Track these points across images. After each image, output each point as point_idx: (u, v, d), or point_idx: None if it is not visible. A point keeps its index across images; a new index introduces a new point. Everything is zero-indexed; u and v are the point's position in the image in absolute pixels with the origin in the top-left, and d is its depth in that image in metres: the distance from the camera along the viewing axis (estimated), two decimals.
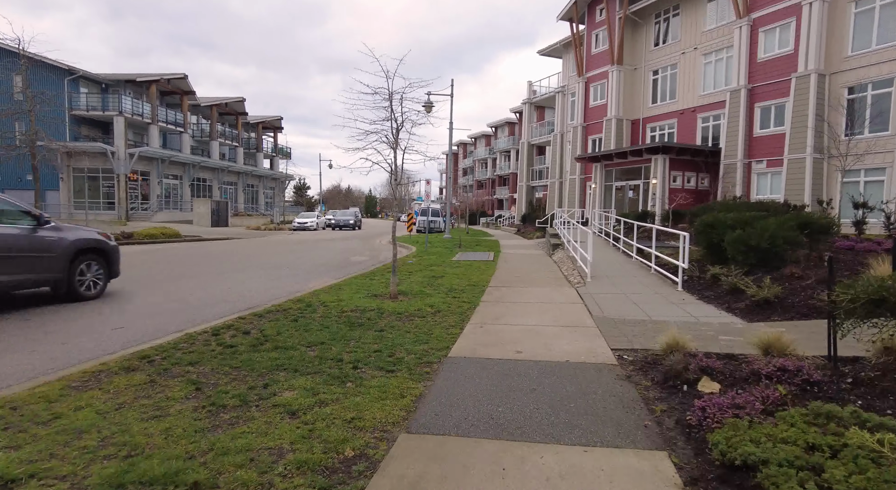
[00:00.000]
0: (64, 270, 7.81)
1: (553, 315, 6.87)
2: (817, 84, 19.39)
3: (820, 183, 19.69)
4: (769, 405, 3.00)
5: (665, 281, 9.84)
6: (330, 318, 6.57)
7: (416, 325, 6.28)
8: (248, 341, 5.41)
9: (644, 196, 25.91)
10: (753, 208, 13.68)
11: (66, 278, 7.88)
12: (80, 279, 8.13)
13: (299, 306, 7.39)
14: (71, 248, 8.01)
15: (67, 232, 8.17)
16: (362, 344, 5.36)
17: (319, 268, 13.64)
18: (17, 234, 7.28)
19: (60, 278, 7.79)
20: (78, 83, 35.67)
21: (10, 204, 7.61)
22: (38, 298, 8.14)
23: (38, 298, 8.14)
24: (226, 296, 8.97)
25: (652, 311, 7.09)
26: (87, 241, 8.34)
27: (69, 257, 7.93)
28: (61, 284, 7.82)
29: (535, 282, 10.24)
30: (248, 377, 4.27)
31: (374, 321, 6.45)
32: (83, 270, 8.17)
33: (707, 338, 5.42)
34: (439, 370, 4.47)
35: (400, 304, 7.66)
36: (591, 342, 5.40)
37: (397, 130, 8.22)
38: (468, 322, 6.47)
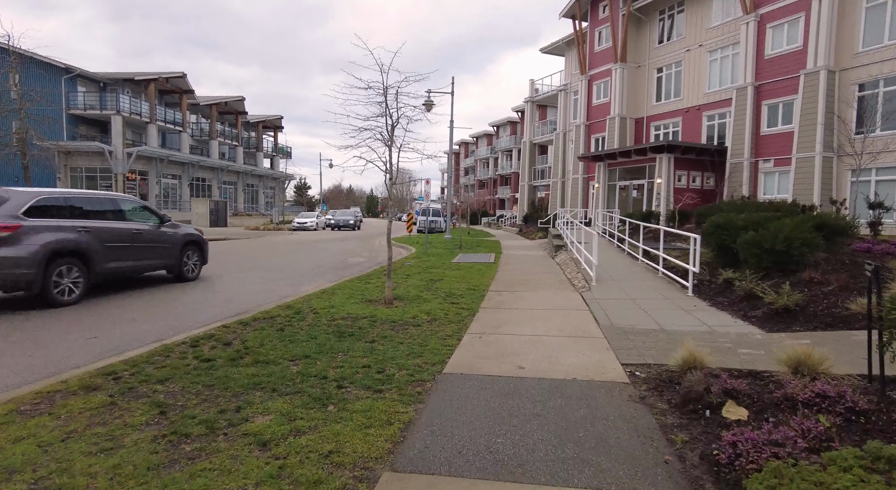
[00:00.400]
0: (177, 258, 10.38)
1: (557, 323, 6.44)
2: (827, 81, 18.90)
3: (829, 182, 19.20)
4: (812, 441, 2.58)
5: (673, 285, 9.40)
6: (318, 328, 6.15)
7: (410, 335, 5.86)
8: (227, 354, 5.00)
9: (648, 196, 25.45)
10: (763, 208, 13.23)
11: (179, 264, 10.44)
12: (186, 264, 10.63)
13: (288, 313, 6.98)
14: (181, 240, 10.53)
15: (178, 228, 10.59)
16: (350, 358, 4.94)
17: (315, 270, 13.24)
18: (150, 229, 9.84)
19: (174, 264, 10.36)
20: (75, 82, 35.33)
21: (146, 207, 10.29)
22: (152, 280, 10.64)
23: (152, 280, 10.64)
24: (213, 299, 8.57)
25: (662, 319, 6.65)
26: (190, 236, 10.84)
27: (180, 248, 10.46)
28: (174, 268, 10.39)
29: (538, 286, 9.82)
30: (221, 398, 3.85)
31: (365, 331, 6.03)
32: (188, 258, 10.68)
33: (725, 351, 4.98)
34: (432, 390, 4.05)
35: (395, 310, 7.24)
36: (599, 355, 4.97)
37: (392, 127, 7.80)
38: (466, 331, 6.04)
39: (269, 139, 60.25)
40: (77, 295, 8.10)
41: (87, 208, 8.90)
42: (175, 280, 10.50)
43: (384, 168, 7.89)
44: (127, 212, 9.64)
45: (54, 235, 7.96)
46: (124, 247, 9.20)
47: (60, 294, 7.88)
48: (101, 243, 8.74)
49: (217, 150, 47.58)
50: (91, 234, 8.58)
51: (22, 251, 7.49)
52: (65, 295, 7.93)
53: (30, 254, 7.53)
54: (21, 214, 7.74)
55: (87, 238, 8.49)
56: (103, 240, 8.80)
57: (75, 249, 8.23)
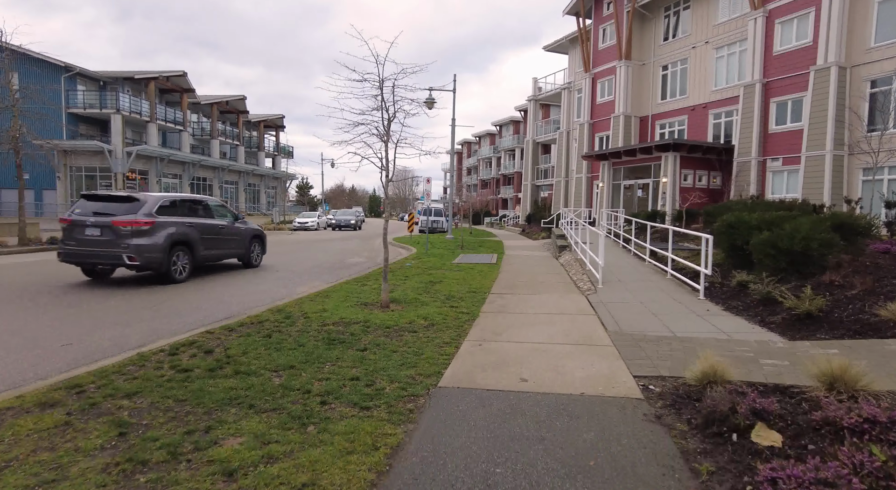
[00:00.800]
0: (246, 248, 12.51)
1: (562, 329, 6.04)
2: (838, 77, 18.44)
3: (840, 181, 18.74)
4: (868, 479, 2.19)
5: (683, 287, 8.99)
6: (308, 334, 5.77)
7: (405, 342, 5.47)
8: (206, 364, 4.63)
9: (653, 195, 25.01)
10: (775, 208, 12.80)
11: (246, 254, 12.66)
12: (252, 254, 12.81)
13: (277, 318, 6.60)
14: (249, 233, 12.77)
15: (247, 224, 12.70)
16: (339, 368, 4.56)
17: (312, 270, 12.87)
18: (227, 225, 11.99)
19: (244, 253, 12.58)
20: (75, 80, 35.07)
21: (224, 205, 12.87)
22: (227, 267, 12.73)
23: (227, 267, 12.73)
24: (203, 302, 8.21)
25: (674, 324, 6.25)
26: (255, 231, 13.13)
27: (249, 240, 12.69)
28: (244, 257, 12.46)
29: (542, 288, 9.42)
30: (192, 415, 3.48)
31: (357, 337, 5.65)
32: (254, 249, 12.78)
33: (745, 361, 4.58)
34: (426, 407, 3.66)
35: (390, 315, 6.86)
36: (608, 366, 4.57)
37: (388, 122, 7.42)
38: (465, 338, 5.65)
39: (270, 139, 59.97)
40: (185, 275, 10.44)
41: (190, 207, 11.16)
42: (243, 267, 12.81)
43: (380, 165, 7.51)
44: (213, 210, 11.93)
45: (174, 229, 10.27)
46: (213, 239, 11.46)
47: (176, 273, 10.17)
48: (200, 235, 10.99)
49: (218, 150, 47.30)
50: (194, 228, 10.85)
51: (156, 240, 9.85)
52: (178, 274, 10.24)
53: (161, 242, 9.88)
54: (154, 213, 10.04)
55: (192, 231, 10.78)
56: (202, 232, 11.05)
57: (186, 240, 10.52)
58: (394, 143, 7.51)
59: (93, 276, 10.60)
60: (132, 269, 9.84)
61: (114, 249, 9.56)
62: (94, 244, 9.63)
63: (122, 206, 10.00)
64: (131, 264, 9.60)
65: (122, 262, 9.57)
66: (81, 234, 9.70)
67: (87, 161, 35.05)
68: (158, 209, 10.14)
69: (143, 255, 9.61)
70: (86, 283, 9.87)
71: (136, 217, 9.74)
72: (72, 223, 9.85)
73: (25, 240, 16.53)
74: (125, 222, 9.62)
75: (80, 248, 9.71)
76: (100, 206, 10.00)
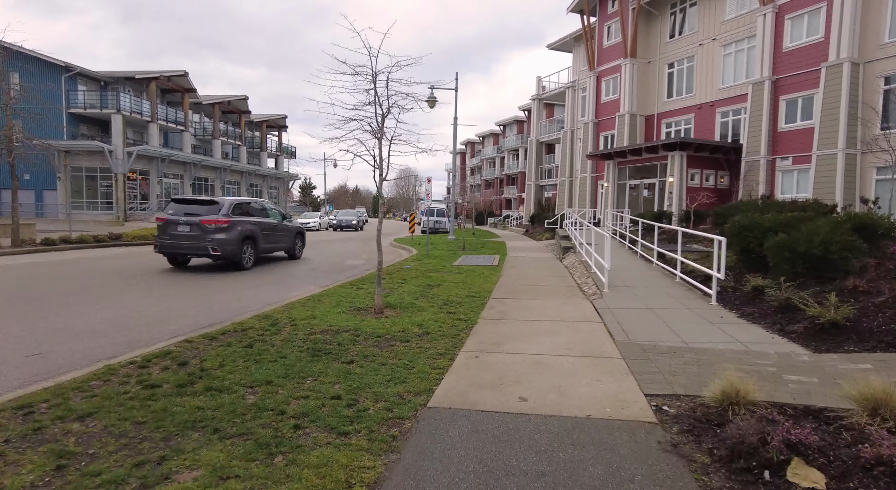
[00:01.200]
0: (292, 243, 14.53)
1: (566, 339, 5.62)
2: (851, 74, 17.92)
3: (853, 180, 18.21)
4: None
5: (693, 292, 8.55)
6: (292, 344, 5.38)
7: (395, 353, 5.06)
8: (177, 378, 4.23)
9: (660, 195, 24.52)
10: (787, 208, 12.32)
11: (292, 247, 14.82)
12: (296, 248, 15.04)
13: (263, 325, 6.21)
14: (294, 230, 14.98)
15: (292, 223, 14.74)
16: (320, 384, 4.15)
17: (309, 273, 12.50)
18: (278, 223, 14.10)
19: (290, 247, 14.64)
20: (76, 80, 34.87)
21: (274, 207, 14.68)
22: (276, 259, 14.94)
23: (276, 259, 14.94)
24: (189, 308, 7.83)
25: (686, 333, 5.82)
26: (298, 228, 15.36)
27: (294, 236, 14.83)
28: (290, 251, 14.44)
29: (545, 292, 9.00)
30: (147, 442, 3.08)
31: (344, 348, 5.24)
32: (297, 243, 14.83)
33: (768, 377, 4.15)
34: (412, 432, 3.25)
35: (383, 322, 6.45)
36: (617, 383, 4.15)
37: (382, 117, 7.02)
38: (461, 349, 5.24)
39: (273, 139, 59.74)
40: (251, 264, 12.63)
41: (252, 209, 13.35)
42: (288, 258, 15.02)
43: (373, 163, 7.11)
44: (268, 210, 14.16)
45: (244, 226, 12.37)
46: (269, 235, 13.55)
47: (244, 262, 12.29)
48: (261, 232, 13.11)
49: (220, 150, 47.07)
50: (257, 226, 12.96)
51: (232, 235, 11.93)
52: (245, 263, 12.36)
53: (235, 237, 11.97)
54: (229, 213, 12.13)
55: (256, 228, 12.88)
56: (262, 229, 13.16)
57: (252, 235, 12.64)
58: (388, 140, 7.11)
59: (176, 264, 12.78)
60: (214, 258, 12.01)
61: (201, 242, 11.70)
62: (184, 238, 11.84)
63: (205, 207, 12.20)
64: (214, 254, 11.76)
65: (207, 252, 11.75)
66: (174, 230, 11.90)
67: (88, 161, 34.83)
68: (232, 210, 12.30)
69: (223, 247, 11.76)
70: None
71: (217, 217, 11.86)
72: (166, 222, 11.99)
73: (18, 241, 16.23)
74: (210, 221, 11.76)
75: (173, 241, 11.90)
76: (188, 207, 12.21)
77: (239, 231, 12.09)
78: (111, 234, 20.03)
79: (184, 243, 11.85)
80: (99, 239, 19.06)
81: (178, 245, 11.90)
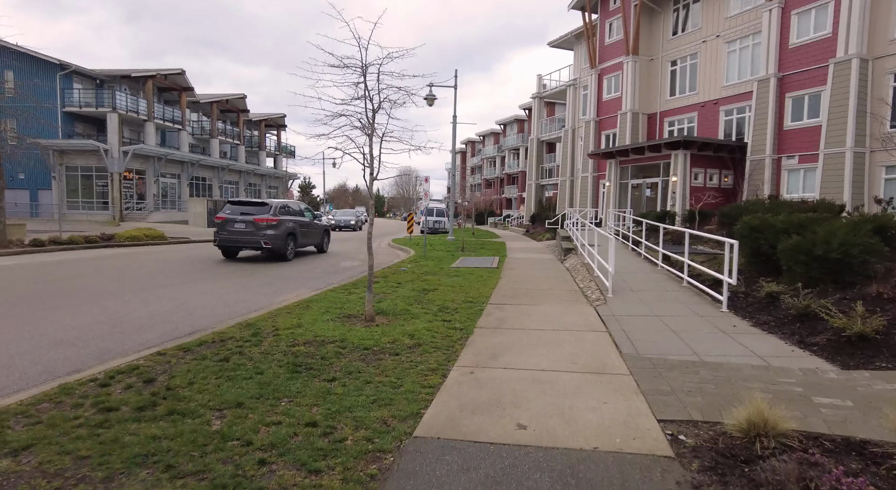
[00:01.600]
0: (321, 239, 16.42)
1: (569, 351, 5.20)
2: (859, 70, 17.47)
3: (861, 179, 17.76)
4: None
5: (702, 297, 8.12)
6: (272, 357, 4.96)
7: (383, 368, 4.64)
8: (139, 400, 3.82)
9: (663, 195, 24.09)
10: (796, 208, 11.88)
11: (321, 243, 16.77)
12: (324, 243, 17.04)
13: (244, 335, 5.79)
14: (322, 228, 16.84)
15: (321, 221, 16.44)
16: (296, 407, 3.74)
17: (302, 275, 12.09)
18: (310, 221, 16.02)
19: (319, 243, 16.50)
20: (71, 79, 34.44)
21: (308, 208, 16.72)
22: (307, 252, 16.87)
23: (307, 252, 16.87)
24: (173, 314, 7.42)
25: (699, 344, 5.40)
26: (325, 226, 17.30)
27: (323, 233, 16.79)
28: (319, 246, 16.35)
29: (546, 297, 8.57)
30: (84, 483, 2.66)
31: (328, 362, 4.82)
32: (325, 239, 16.71)
33: (795, 400, 3.73)
34: (393, 470, 2.83)
35: (373, 331, 6.03)
36: (626, 405, 3.73)
37: (373, 113, 6.59)
38: (455, 363, 4.82)
39: (272, 138, 59.31)
40: (292, 256, 14.76)
41: (292, 209, 15.49)
42: (318, 253, 17.09)
43: (363, 161, 6.69)
44: (303, 211, 16.30)
45: (287, 224, 14.44)
46: (304, 232, 15.54)
47: (288, 254, 14.43)
48: (299, 229, 15.16)
49: (218, 149, 46.63)
50: (296, 224, 15.00)
51: (279, 231, 14.00)
52: (288, 255, 14.46)
53: (282, 233, 14.06)
54: (277, 213, 14.21)
55: (296, 226, 14.96)
56: (300, 227, 15.27)
57: (293, 232, 14.71)
58: (379, 136, 6.68)
59: (228, 256, 14.88)
60: (265, 251, 14.27)
61: (254, 237, 13.88)
62: (241, 234, 14.00)
63: (257, 208, 14.36)
64: (266, 247, 13.91)
65: (260, 245, 13.90)
66: (232, 227, 14.06)
67: (84, 160, 34.43)
68: (279, 210, 14.46)
69: (273, 242, 13.90)
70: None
71: (268, 215, 13.97)
72: (224, 220, 14.15)
73: (5, 242, 15.83)
74: (262, 219, 13.91)
75: (231, 236, 14.11)
76: (242, 208, 14.35)
77: (284, 228, 14.29)
78: (103, 235, 19.61)
79: (239, 238, 14.01)
80: (90, 240, 18.64)
81: (235, 239, 14.07)
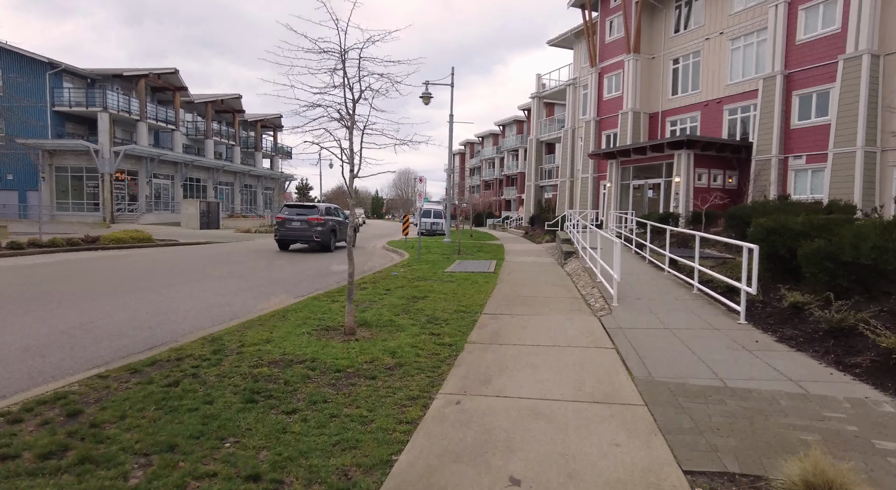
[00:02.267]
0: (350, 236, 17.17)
1: (573, 374, 4.53)
2: (870, 67, 16.84)
3: (872, 180, 17.13)
4: None
5: (716, 307, 7.45)
6: (229, 381, 4.28)
7: (354, 397, 3.96)
8: (49, 442, 3.13)
9: (665, 196, 23.44)
10: (810, 210, 11.21)
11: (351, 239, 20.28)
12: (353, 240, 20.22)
13: (204, 352, 5.12)
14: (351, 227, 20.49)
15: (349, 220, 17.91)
16: (242, 450, 3.06)
17: (288, 279, 11.42)
18: (342, 220, 19.35)
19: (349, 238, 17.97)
20: (61, 77, 33.76)
21: (339, 209, 20.24)
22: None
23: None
24: (143, 321, 6.77)
25: (720, 365, 4.72)
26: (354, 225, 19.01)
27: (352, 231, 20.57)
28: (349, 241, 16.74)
29: (545, 306, 7.89)
30: None
31: (292, 388, 4.14)
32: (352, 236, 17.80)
33: (849, 442, 3.06)
34: None
35: (350, 347, 5.35)
36: (644, 450, 3.05)
37: (353, 103, 5.93)
38: (440, 388, 4.15)
39: (269, 138, 58.64)
40: (334, 248, 18.66)
41: (333, 211, 19.37)
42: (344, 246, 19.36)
43: (341, 156, 6.02)
44: (339, 212, 19.99)
45: (330, 223, 18.28)
46: (341, 229, 19.18)
47: (331, 246, 18.36)
48: (338, 227, 18.94)
49: (213, 150, 45.92)
50: (336, 223, 18.76)
51: (326, 229, 17.94)
52: (331, 248, 18.38)
53: (327, 230, 18.00)
54: (324, 214, 18.21)
55: (336, 224, 18.75)
56: (339, 225, 19.04)
57: (335, 229, 18.64)
58: (360, 129, 6.02)
59: (283, 247, 18.85)
60: (314, 244, 18.28)
61: (308, 233, 17.90)
62: (296, 230, 18.00)
63: (309, 210, 18.48)
64: (315, 241, 17.97)
65: (311, 239, 17.96)
66: (290, 225, 18.05)
67: (74, 161, 33.74)
68: (325, 212, 18.68)
69: (321, 237, 17.97)
70: None
71: (318, 216, 18.07)
72: (284, 219, 18.22)
73: None
74: (314, 218, 17.97)
75: (288, 232, 18.12)
76: (297, 210, 18.56)
77: (329, 226, 18.36)
78: (87, 237, 18.91)
79: (295, 234, 18.10)
80: (73, 242, 17.95)
81: (291, 235, 18.17)
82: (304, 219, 17.92)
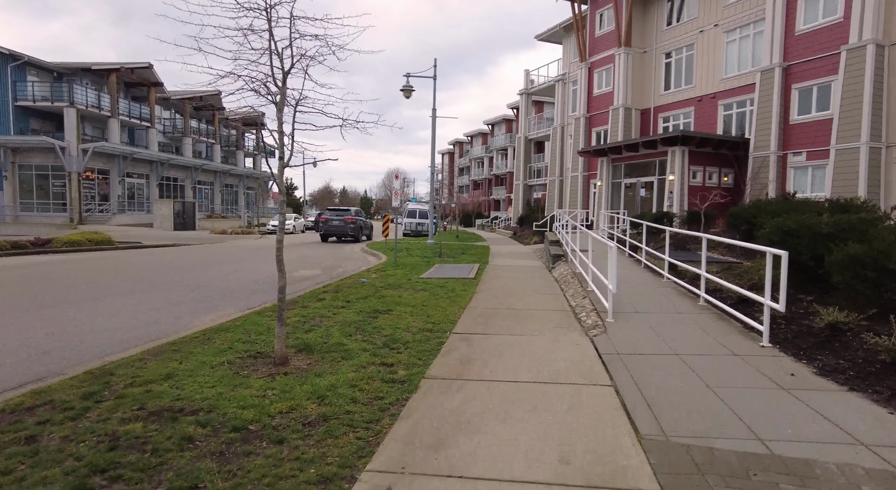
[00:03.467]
0: (368, 232, 27.09)
1: (559, 432, 3.31)
2: (875, 57, 15.86)
3: (877, 177, 16.18)
4: None
5: (729, 323, 6.28)
6: (75, 449, 3.00)
7: (240, 479, 2.70)
8: None
9: (658, 195, 22.37)
10: (823, 209, 10.11)
11: (370, 234, 27.25)
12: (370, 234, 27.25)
13: (72, 397, 3.84)
14: (369, 224, 27.84)
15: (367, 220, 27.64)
16: None
17: (243, 288, 10.15)
18: (362, 219, 26.29)
19: (369, 234, 27.18)
20: (24, 70, 32.00)
21: (360, 210, 28.22)
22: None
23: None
24: (36, 347, 5.45)
25: (754, 414, 3.53)
26: (370, 223, 28.18)
27: (370, 229, 27.58)
28: (369, 236, 26.53)
29: (529, 321, 6.68)
30: None
31: (161, 460, 2.87)
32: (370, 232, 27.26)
33: None
34: None
35: (271, 386, 4.09)
36: None
37: (284, 74, 4.67)
38: (370, 461, 2.91)
39: (251, 137, 56.95)
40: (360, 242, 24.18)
41: (359, 213, 26.34)
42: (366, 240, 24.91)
43: (273, 140, 4.77)
44: (360, 212, 26.61)
45: (359, 222, 25.05)
46: (360, 228, 25.01)
47: (361, 239, 25.50)
48: (363, 224, 25.69)
49: (191, 148, 44.26)
50: (362, 221, 25.51)
51: (356, 226, 24.76)
52: (361, 239, 25.34)
53: (358, 227, 24.91)
54: (354, 215, 25.22)
55: (362, 223, 25.47)
56: (364, 224, 25.86)
57: (360, 226, 25.08)
58: (291, 106, 4.76)
59: (325, 241, 24.89)
60: (349, 238, 24.71)
61: (344, 229, 24.34)
62: (335, 227, 24.48)
63: (344, 212, 25.19)
64: (350, 235, 24.33)
65: (347, 234, 24.44)
66: (331, 223, 24.58)
67: (40, 159, 31.96)
68: (354, 213, 25.04)
69: (354, 232, 24.39)
70: None
71: (351, 216, 24.63)
72: (326, 219, 24.92)
73: None
74: (348, 218, 24.43)
75: (329, 229, 24.57)
76: (335, 213, 25.24)
77: (358, 224, 24.56)
78: (37, 240, 17.44)
79: (335, 230, 24.49)
80: (19, 245, 16.46)
81: (332, 231, 24.57)
82: (342, 218, 24.44)
